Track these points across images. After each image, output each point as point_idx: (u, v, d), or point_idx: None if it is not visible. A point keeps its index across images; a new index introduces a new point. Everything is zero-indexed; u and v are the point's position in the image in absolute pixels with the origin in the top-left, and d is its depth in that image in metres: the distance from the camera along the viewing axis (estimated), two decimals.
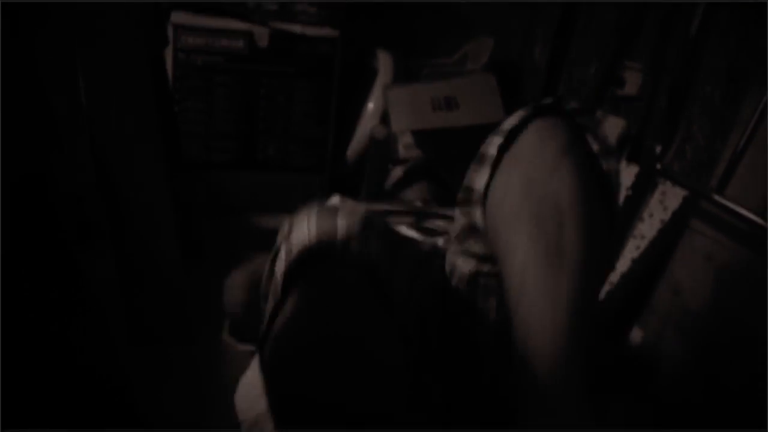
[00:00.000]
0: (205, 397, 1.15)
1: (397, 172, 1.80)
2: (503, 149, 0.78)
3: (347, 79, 2.03)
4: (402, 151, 1.81)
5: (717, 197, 1.19)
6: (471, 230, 0.84)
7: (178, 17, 1.79)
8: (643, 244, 1.47)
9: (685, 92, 1.24)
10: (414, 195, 1.66)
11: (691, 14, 1.24)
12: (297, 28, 1.92)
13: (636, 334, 1.41)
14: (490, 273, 0.83)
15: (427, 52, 2.21)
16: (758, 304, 1.16)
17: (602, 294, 1.49)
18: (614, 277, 1.48)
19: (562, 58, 1.62)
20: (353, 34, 2.06)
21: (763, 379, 1.12)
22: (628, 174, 1.49)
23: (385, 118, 1.89)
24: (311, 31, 1.92)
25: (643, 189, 1.31)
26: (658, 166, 1.28)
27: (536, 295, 0.69)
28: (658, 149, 1.28)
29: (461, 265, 0.86)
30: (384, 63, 2.03)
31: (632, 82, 1.73)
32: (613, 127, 1.78)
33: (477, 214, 0.81)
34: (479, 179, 0.80)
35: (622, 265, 1.48)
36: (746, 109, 1.18)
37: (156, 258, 1.41)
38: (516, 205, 0.74)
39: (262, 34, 1.86)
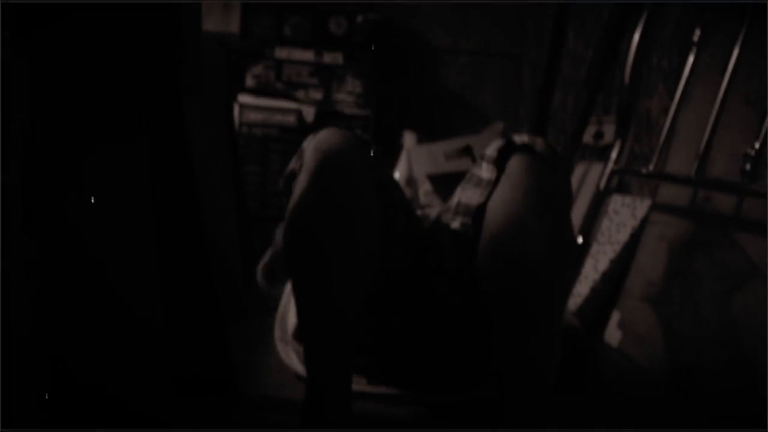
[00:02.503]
0: (257, 353, 1.46)
1: None
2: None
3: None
4: (422, 197, 2.18)
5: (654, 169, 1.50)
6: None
7: (243, 98, 2.27)
8: (618, 247, 1.76)
9: (628, 119, 1.61)
10: None
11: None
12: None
13: (614, 317, 1.67)
14: None
15: (444, 136, 2.65)
16: (696, 259, 1.44)
17: (587, 290, 1.78)
18: (596, 275, 1.77)
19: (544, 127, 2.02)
20: (385, 118, 2.51)
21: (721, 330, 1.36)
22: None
23: (409, 182, 2.28)
24: (349, 110, 2.38)
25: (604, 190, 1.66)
26: (615, 167, 1.62)
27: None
28: (614, 154, 1.63)
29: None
30: (408, 139, 2.46)
31: (609, 133, 2.10)
32: (597, 171, 2.13)
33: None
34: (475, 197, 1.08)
35: (602, 265, 1.77)
36: None
37: (230, 282, 1.80)
38: None
39: (309, 112, 2.33)
